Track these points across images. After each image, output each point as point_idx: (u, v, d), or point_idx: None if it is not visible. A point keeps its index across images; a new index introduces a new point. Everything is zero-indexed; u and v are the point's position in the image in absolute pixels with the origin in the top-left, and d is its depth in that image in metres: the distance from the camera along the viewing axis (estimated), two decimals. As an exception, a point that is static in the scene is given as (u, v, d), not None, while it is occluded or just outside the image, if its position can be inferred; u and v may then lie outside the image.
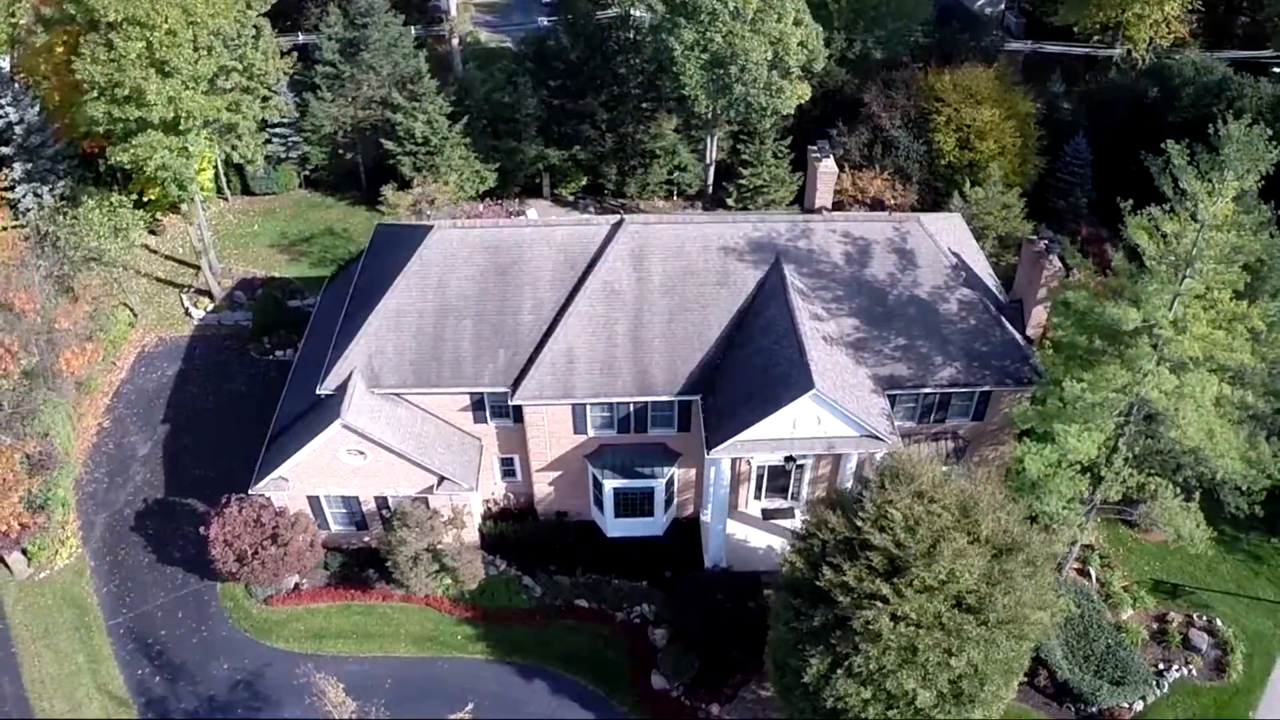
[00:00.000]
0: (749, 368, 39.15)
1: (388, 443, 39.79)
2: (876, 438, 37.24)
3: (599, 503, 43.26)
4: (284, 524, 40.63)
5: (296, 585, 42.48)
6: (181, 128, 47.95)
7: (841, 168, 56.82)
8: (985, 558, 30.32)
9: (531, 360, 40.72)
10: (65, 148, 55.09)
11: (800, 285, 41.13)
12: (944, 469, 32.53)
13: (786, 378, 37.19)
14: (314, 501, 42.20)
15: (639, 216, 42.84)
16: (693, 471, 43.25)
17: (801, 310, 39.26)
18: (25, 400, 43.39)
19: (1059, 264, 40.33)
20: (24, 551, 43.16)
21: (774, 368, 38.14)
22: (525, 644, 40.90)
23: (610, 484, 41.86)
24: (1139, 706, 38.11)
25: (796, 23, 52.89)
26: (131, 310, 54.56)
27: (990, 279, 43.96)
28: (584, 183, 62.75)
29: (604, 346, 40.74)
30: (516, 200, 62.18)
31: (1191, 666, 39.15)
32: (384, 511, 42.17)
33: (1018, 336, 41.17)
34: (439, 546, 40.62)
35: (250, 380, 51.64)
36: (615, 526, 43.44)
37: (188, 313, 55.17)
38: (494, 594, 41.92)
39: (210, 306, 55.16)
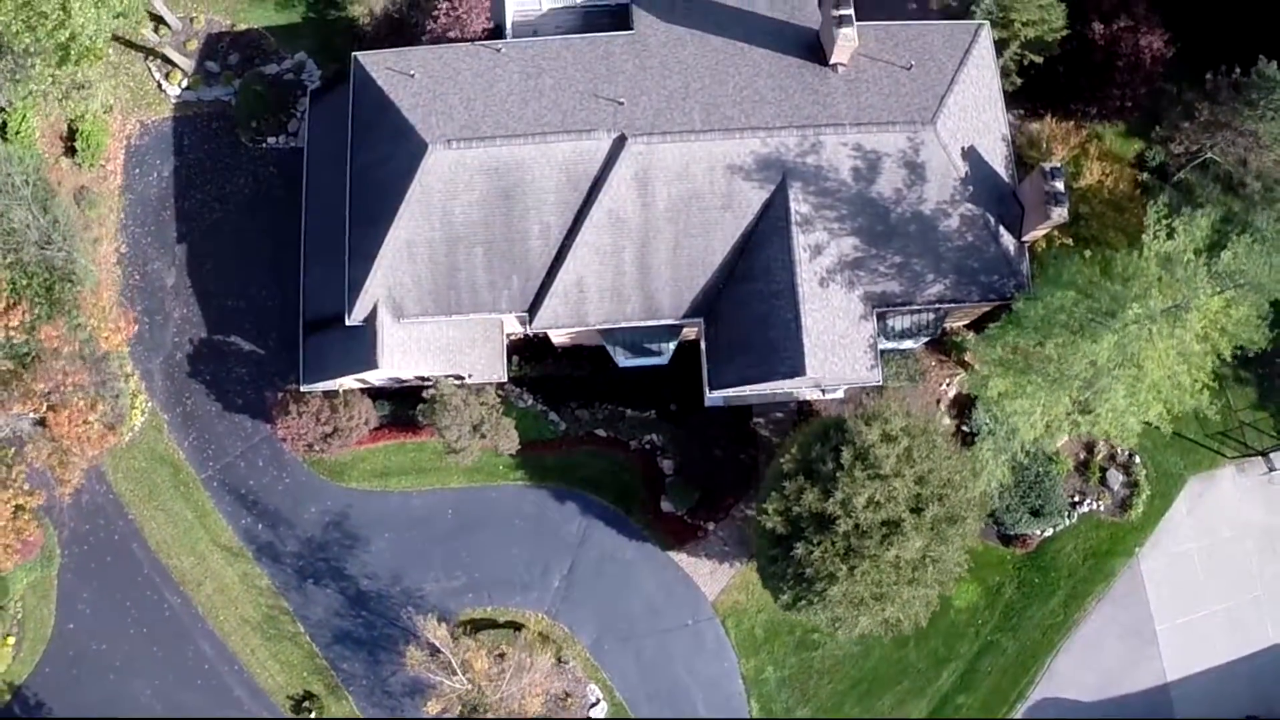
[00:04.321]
0: (748, 314, 42.05)
1: (420, 371, 43.92)
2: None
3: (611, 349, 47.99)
4: (341, 415, 46.10)
5: (356, 433, 49.18)
6: None
7: None
8: (927, 536, 38.61)
9: (544, 286, 42.95)
10: None
11: (804, 211, 41.68)
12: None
13: (782, 348, 40.85)
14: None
15: (642, 136, 41.26)
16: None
17: (802, 264, 40.90)
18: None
19: (1064, 214, 40.56)
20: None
21: (771, 328, 41.31)
22: (555, 470, 49.30)
23: (621, 358, 46.57)
24: (1048, 534, 48.17)
25: None
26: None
27: (1004, 148, 43.76)
28: None
29: (612, 275, 42.68)
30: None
31: (1101, 502, 48.26)
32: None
33: (1011, 248, 43.00)
34: (476, 423, 46.71)
35: (251, 178, 51.40)
36: (625, 361, 48.67)
37: (160, 87, 52.29)
38: (524, 427, 48.67)
39: (185, 82, 52.06)
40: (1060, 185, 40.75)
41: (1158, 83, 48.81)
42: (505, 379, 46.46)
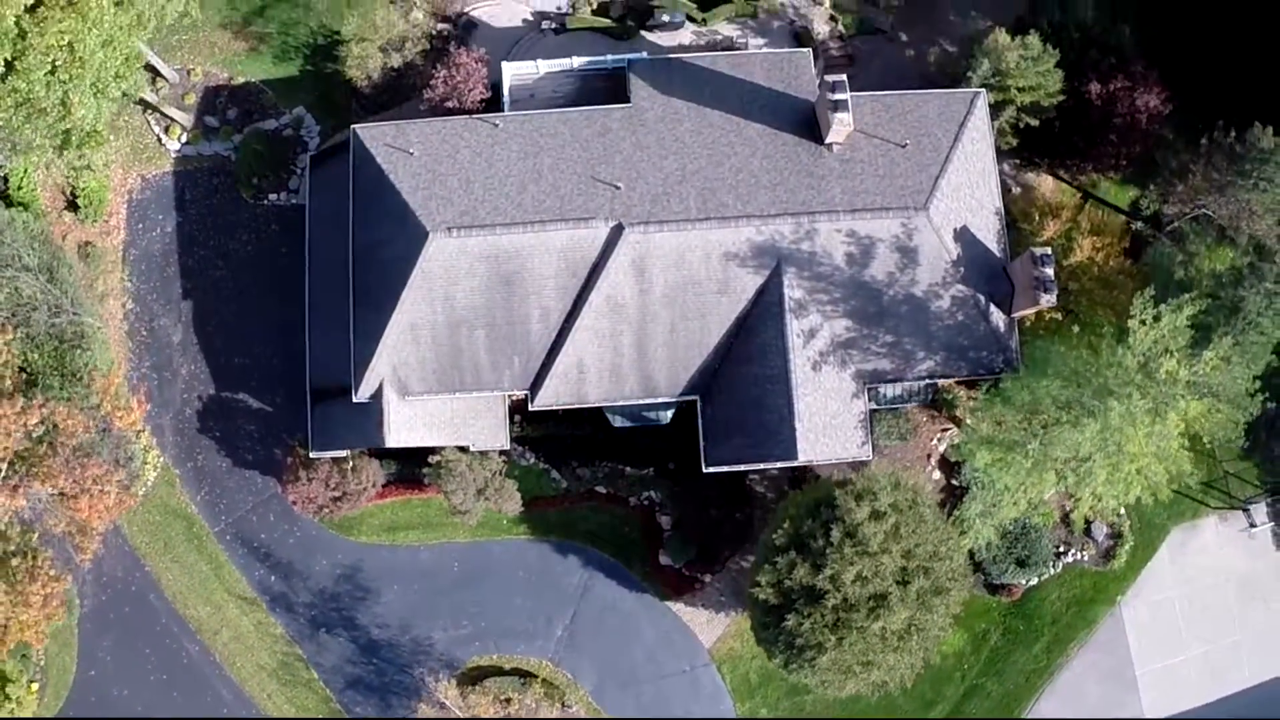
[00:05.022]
0: (744, 396, 43.33)
1: (426, 444, 45.24)
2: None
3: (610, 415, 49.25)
4: (350, 480, 47.50)
5: (363, 490, 50.69)
6: None
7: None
8: (912, 607, 40.34)
9: (545, 366, 44.08)
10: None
11: (798, 296, 42.54)
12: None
13: (776, 432, 42.23)
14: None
15: (639, 225, 41.87)
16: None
17: (796, 350, 41.94)
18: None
19: (1053, 300, 41.38)
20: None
21: (766, 412, 42.61)
22: (557, 525, 50.88)
23: (619, 423, 47.85)
24: (1033, 582, 49.86)
25: None
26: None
27: (997, 221, 44.53)
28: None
29: (611, 356, 43.74)
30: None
31: (1085, 553, 49.84)
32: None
33: (1000, 325, 43.90)
34: (480, 487, 48.15)
35: (253, 234, 52.09)
36: (623, 424, 49.95)
37: (160, 141, 52.55)
38: (527, 485, 50.16)
39: (184, 137, 52.32)
40: (1049, 271, 41.58)
41: (1153, 139, 49.16)
42: (508, 446, 47.73)
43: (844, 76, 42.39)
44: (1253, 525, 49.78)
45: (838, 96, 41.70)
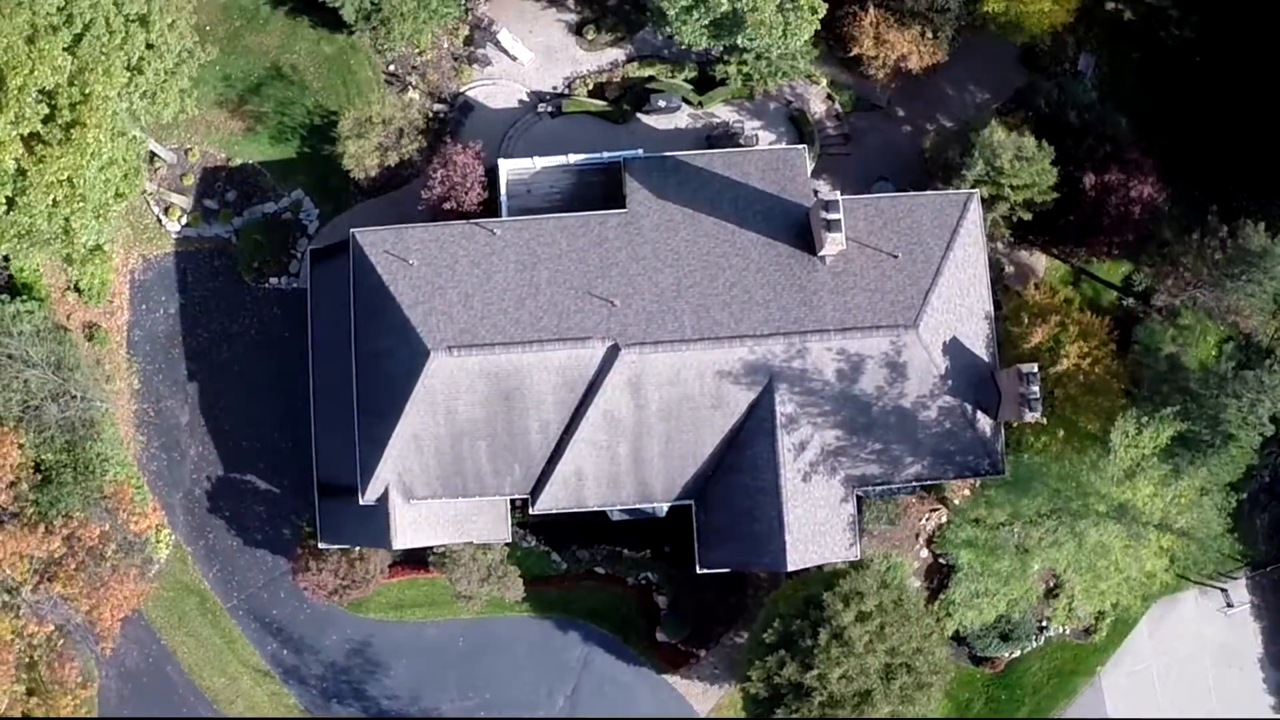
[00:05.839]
0: (736, 505, 44.73)
1: (432, 543, 46.87)
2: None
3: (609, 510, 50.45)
4: (358, 569, 49.12)
5: (369, 569, 52.36)
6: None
7: (864, 5, 49.51)
8: (895, 702, 42.44)
9: (544, 474, 45.34)
10: None
11: (789, 411, 43.61)
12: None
13: (767, 541, 43.80)
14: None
15: (635, 346, 42.74)
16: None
17: (786, 465, 43.16)
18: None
19: (1038, 417, 42.41)
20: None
21: (757, 522, 44.12)
22: (558, 603, 52.75)
23: (618, 516, 49.34)
24: (1016, 654, 51.72)
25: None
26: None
27: (987, 326, 45.43)
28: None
29: (608, 465, 44.99)
30: (485, 23, 53.07)
31: (1066, 626, 51.54)
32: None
33: (987, 430, 45.00)
34: (484, 576, 49.76)
35: (256, 318, 52.94)
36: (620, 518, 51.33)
37: (160, 222, 53.00)
38: (528, 566, 51.89)
39: (184, 219, 52.76)
40: (1035, 390, 42.59)
41: (1147, 227, 49.68)
42: (510, 539, 49.18)
43: (837, 195, 42.97)
44: (1230, 605, 51.44)
45: (831, 216, 42.27)
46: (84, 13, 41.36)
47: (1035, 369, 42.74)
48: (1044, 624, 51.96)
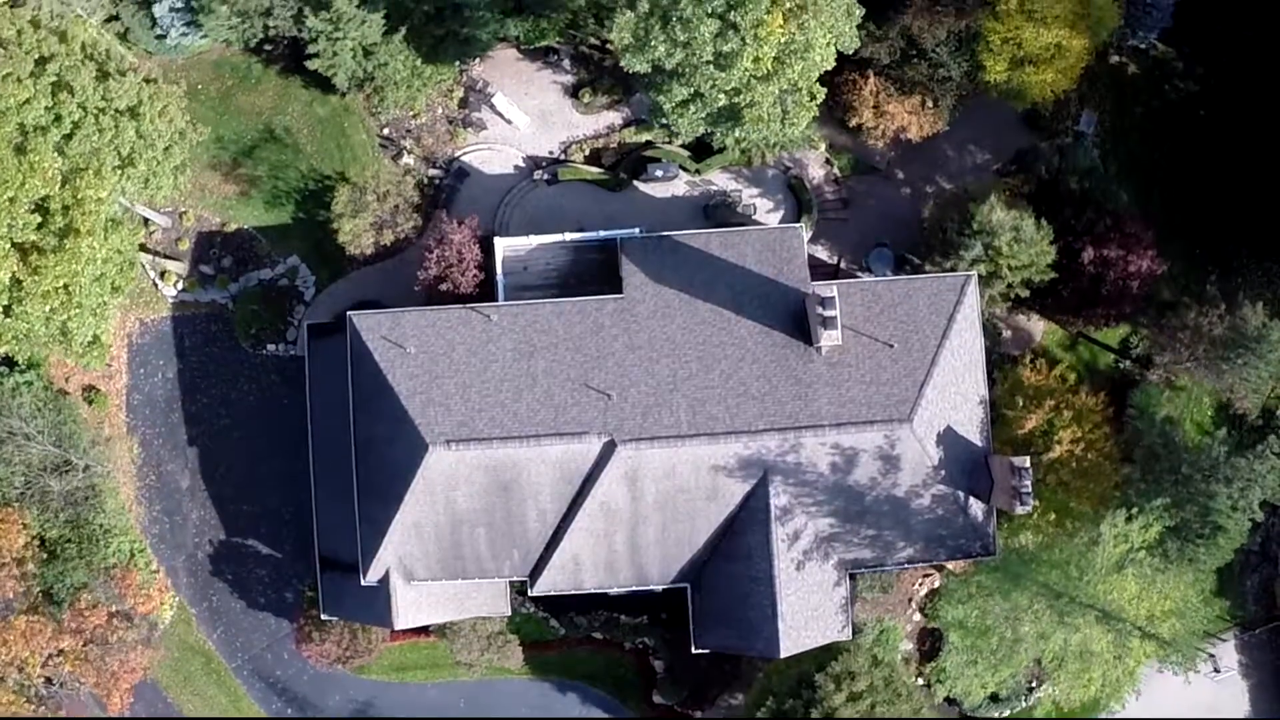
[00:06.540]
0: (730, 592, 45.28)
1: (433, 621, 47.59)
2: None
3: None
4: (360, 639, 49.89)
5: (371, 632, 53.14)
6: None
7: (864, 73, 48.96)
8: None
9: (543, 559, 45.85)
10: None
11: (783, 503, 43.96)
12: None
13: (760, 629, 44.58)
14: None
15: (631, 442, 42.93)
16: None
17: (780, 555, 43.62)
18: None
19: (1029, 509, 42.73)
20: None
21: (751, 609, 44.74)
22: (556, 666, 53.74)
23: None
24: (1005, 714, 52.62)
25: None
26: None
27: (982, 411, 45.60)
28: (556, 39, 51.62)
29: (605, 552, 45.53)
30: (480, 85, 52.37)
31: (1056, 688, 52.32)
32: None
33: (979, 515, 45.37)
34: (484, 647, 50.50)
35: (254, 385, 53.26)
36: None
37: (156, 286, 52.84)
38: (527, 631, 52.67)
39: (180, 284, 52.59)
40: (1027, 484, 42.92)
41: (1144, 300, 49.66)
42: (509, 613, 49.81)
43: (833, 292, 42.84)
44: (1217, 671, 52.21)
45: (827, 314, 42.28)
46: (73, 112, 41.06)
47: (1027, 463, 42.97)
48: (1034, 685, 52.83)
